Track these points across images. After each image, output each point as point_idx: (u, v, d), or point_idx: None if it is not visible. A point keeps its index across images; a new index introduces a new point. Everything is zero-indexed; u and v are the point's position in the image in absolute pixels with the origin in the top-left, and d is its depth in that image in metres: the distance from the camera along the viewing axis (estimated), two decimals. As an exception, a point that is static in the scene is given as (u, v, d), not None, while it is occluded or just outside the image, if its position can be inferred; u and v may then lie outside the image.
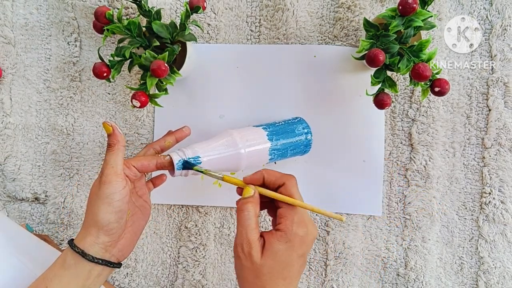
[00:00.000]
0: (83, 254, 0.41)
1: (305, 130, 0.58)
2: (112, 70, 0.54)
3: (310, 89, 0.64)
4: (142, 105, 0.53)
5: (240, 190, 0.45)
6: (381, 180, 0.64)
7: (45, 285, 0.41)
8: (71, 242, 0.42)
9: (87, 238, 0.42)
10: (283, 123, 0.59)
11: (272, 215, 0.46)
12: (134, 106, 0.53)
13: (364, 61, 0.51)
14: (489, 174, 0.62)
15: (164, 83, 0.54)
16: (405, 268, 0.64)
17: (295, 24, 0.64)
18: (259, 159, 0.55)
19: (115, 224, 0.42)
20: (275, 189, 0.43)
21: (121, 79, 0.67)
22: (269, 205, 0.46)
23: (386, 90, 0.53)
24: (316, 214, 0.65)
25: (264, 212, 0.64)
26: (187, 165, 0.48)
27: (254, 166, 0.56)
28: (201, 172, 0.47)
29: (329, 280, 0.64)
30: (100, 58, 0.55)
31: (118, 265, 0.45)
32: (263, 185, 0.44)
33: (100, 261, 0.42)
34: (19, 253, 0.47)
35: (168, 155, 0.49)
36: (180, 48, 0.54)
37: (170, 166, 0.48)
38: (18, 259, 0.46)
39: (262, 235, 0.41)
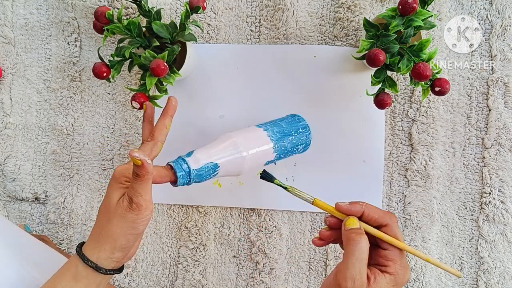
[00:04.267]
0: (97, 268, 0.41)
1: (305, 129, 0.57)
2: (112, 70, 0.54)
3: (310, 89, 0.64)
4: (142, 107, 0.53)
5: (334, 220, 0.43)
6: (381, 180, 0.64)
7: None
8: (83, 256, 0.41)
9: (101, 254, 0.41)
10: (282, 122, 0.58)
11: (337, 242, 0.44)
12: (134, 107, 0.53)
13: (364, 61, 0.51)
14: (489, 174, 0.62)
15: (164, 83, 0.54)
16: (405, 268, 0.64)
17: (295, 24, 0.64)
18: (260, 160, 0.54)
19: (133, 243, 0.43)
20: (375, 227, 0.41)
21: (121, 79, 0.67)
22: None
23: (387, 90, 0.53)
24: (316, 214, 0.65)
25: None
26: (267, 178, 0.47)
27: (254, 168, 0.55)
28: (285, 188, 0.45)
29: (329, 280, 0.64)
30: (100, 58, 0.55)
31: (122, 268, 0.45)
32: (360, 218, 0.42)
33: (112, 272, 0.43)
34: (17, 255, 0.47)
35: (170, 165, 0.47)
36: (180, 48, 0.54)
37: (173, 178, 0.48)
38: (16, 260, 0.46)
39: None
